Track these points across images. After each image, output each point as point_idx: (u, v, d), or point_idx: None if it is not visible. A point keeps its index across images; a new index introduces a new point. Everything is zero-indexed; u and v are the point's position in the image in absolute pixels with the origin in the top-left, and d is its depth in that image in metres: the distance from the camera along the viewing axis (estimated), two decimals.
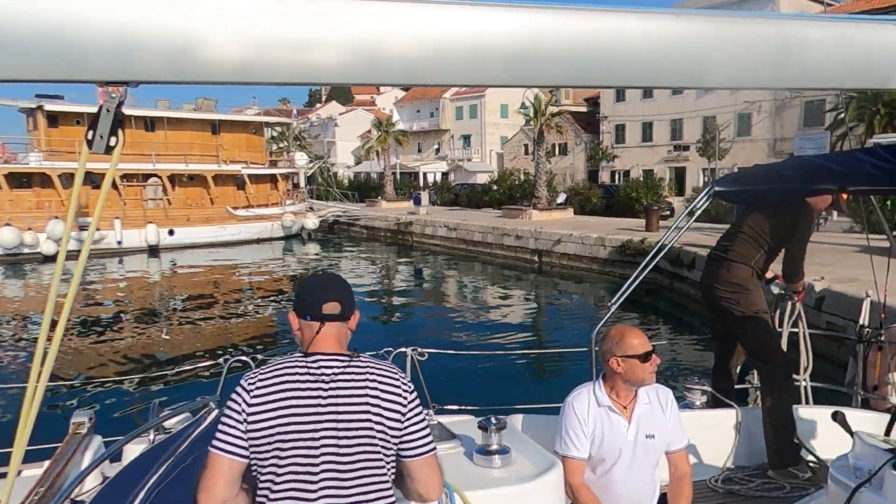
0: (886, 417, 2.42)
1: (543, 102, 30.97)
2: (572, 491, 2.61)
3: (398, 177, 51.38)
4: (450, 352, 4.45)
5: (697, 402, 3.82)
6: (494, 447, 2.56)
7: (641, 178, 35.80)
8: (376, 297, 19.68)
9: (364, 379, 1.78)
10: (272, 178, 37.57)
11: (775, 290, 3.85)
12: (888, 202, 16.97)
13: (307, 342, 1.82)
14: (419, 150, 62.87)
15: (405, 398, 1.82)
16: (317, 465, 1.71)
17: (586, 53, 2.31)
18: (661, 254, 3.88)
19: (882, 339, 4.06)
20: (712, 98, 37.98)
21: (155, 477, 2.02)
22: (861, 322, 4.29)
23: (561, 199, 33.67)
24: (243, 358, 3.39)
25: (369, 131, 50.99)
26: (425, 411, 2.90)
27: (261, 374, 1.77)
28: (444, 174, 57.36)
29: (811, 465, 3.51)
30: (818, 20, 2.45)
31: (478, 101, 57.68)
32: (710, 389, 3.86)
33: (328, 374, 1.76)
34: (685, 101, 40.18)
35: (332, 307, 1.81)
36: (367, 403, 1.75)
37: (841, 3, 35.32)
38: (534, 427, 3.04)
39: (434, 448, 1.89)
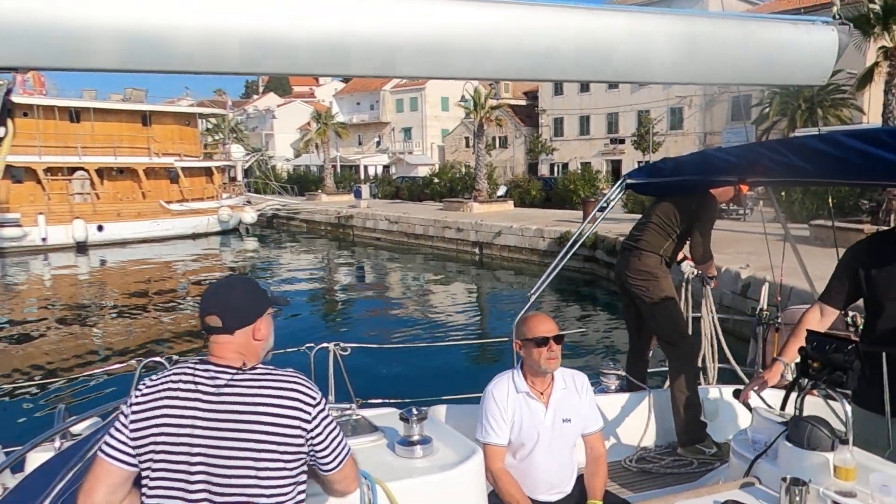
0: (782, 393, 2.56)
1: (483, 96, 31.16)
2: (493, 477, 2.65)
3: (338, 170, 50.76)
4: (373, 346, 4.43)
5: (612, 386, 3.95)
6: (416, 438, 2.56)
7: (579, 171, 36.53)
8: (315, 292, 19.43)
9: (255, 392, 1.69)
10: (207, 171, 36.49)
11: (685, 270, 4.00)
12: (806, 194, 17.88)
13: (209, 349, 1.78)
14: (360, 143, 62.31)
15: (307, 411, 1.72)
16: (192, 481, 1.65)
17: (513, 47, 2.34)
18: (577, 245, 3.99)
19: (779, 320, 4.29)
20: (646, 93, 39.08)
21: (60, 485, 1.93)
22: (760, 305, 4.54)
23: (501, 191, 34.02)
24: (157, 359, 3.27)
25: (308, 123, 50.13)
26: (348, 406, 2.91)
27: (149, 380, 1.72)
28: (385, 167, 57.05)
29: (716, 441, 3.67)
30: (733, 18, 2.55)
31: (418, 94, 57.56)
32: (624, 373, 4.00)
33: (213, 386, 1.69)
34: (620, 95, 41.18)
35: (211, 320, 1.74)
36: (254, 418, 1.66)
37: (765, 3, 36.83)
38: (457, 417, 3.07)
39: (347, 455, 1.86)
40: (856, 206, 17.03)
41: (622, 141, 41.10)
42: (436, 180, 38.77)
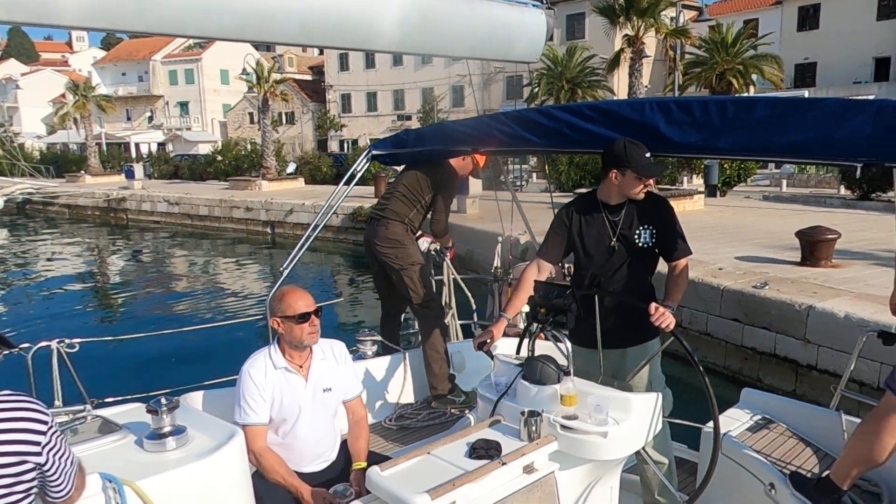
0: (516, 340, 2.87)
1: (266, 69, 29.86)
2: (256, 457, 2.61)
3: (104, 148, 45.54)
4: (108, 338, 4.08)
5: (370, 352, 4.09)
6: (167, 429, 2.42)
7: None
8: (70, 284, 17.16)
9: None
10: None
11: (423, 245, 4.26)
12: (572, 163, 19.84)
13: None
14: (128, 118, 56.36)
15: (37, 441, 1.54)
16: None
17: (241, 5, 2.26)
18: (328, 217, 4.04)
19: (510, 276, 4.78)
20: (429, 70, 40.39)
21: None
22: (495, 264, 5.05)
23: (291, 168, 33.07)
24: None
25: (63, 95, 44.05)
26: (82, 408, 2.66)
27: None
28: (161, 144, 52.23)
29: (465, 390, 3.98)
30: None
31: (194, 66, 53.44)
32: (379, 338, 4.17)
33: None
34: (405, 72, 42.09)
35: None
36: None
37: None
38: (215, 402, 2.96)
39: (75, 471, 1.72)
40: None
41: (409, 117, 42.12)
42: (219, 158, 36.53)
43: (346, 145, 44.95)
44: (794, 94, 26.65)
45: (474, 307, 4.68)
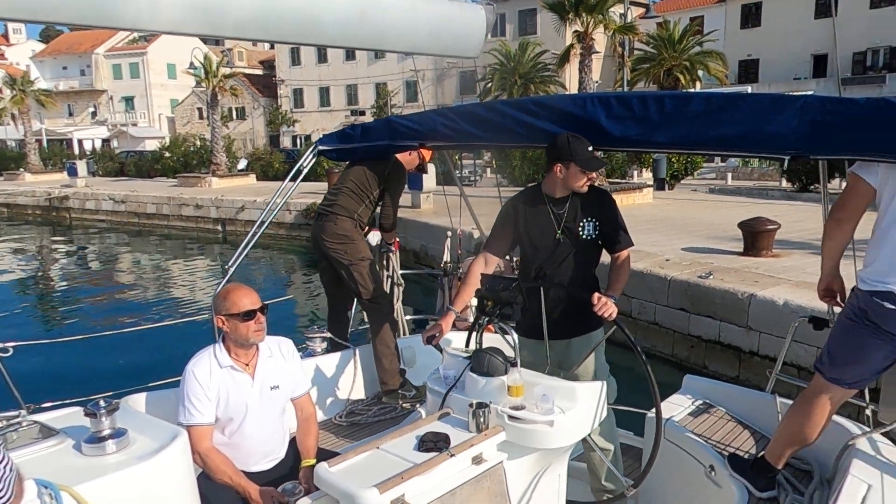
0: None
1: (215, 63, 29.18)
2: (201, 457, 2.57)
3: (45, 144, 43.83)
4: (45, 341, 3.96)
5: (319, 349, 4.06)
6: (107, 432, 2.36)
7: None
8: (6, 286, 16.43)
9: None
10: None
11: (373, 240, 4.26)
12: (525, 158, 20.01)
13: None
14: (70, 114, 54.38)
15: None
16: None
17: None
18: (274, 213, 4.00)
19: (460, 271, 4.82)
20: (382, 65, 40.16)
21: None
22: (445, 259, 5.09)
23: (242, 165, 32.47)
24: None
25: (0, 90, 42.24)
26: (16, 413, 2.57)
27: None
28: (105, 141, 50.56)
29: (415, 385, 3.98)
30: None
31: (139, 59, 51.86)
32: (328, 335, 4.14)
33: None
34: (358, 67, 41.75)
35: None
36: None
37: None
38: (159, 403, 2.90)
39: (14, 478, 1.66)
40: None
41: (363, 112, 41.82)
42: (167, 154, 35.57)
43: (298, 141, 44.37)
44: (738, 89, 27.46)
45: (421, 302, 4.71)
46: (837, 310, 2.76)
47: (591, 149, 2.85)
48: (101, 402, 2.37)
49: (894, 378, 2.70)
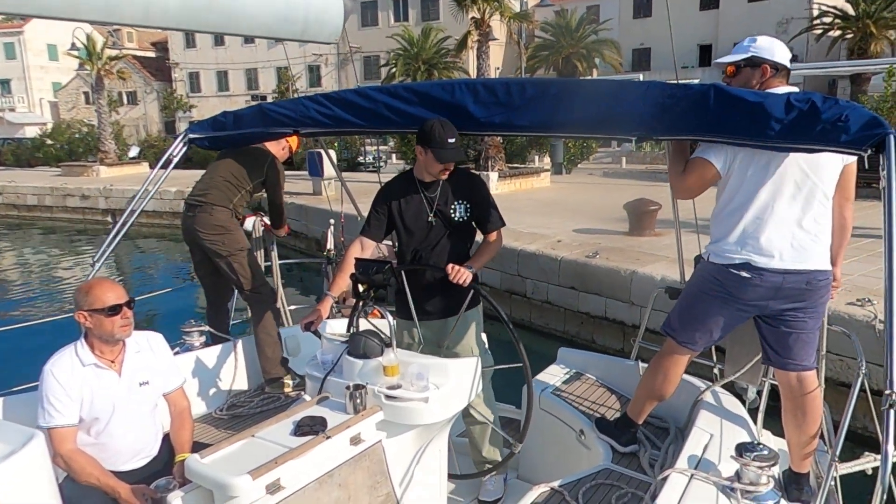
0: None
1: (100, 44, 27.37)
2: (65, 460, 2.47)
3: None
4: None
5: (197, 343, 3.97)
6: None
7: None
8: None
9: None
10: None
11: (248, 225, 4.21)
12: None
13: None
14: None
15: None
16: None
17: None
18: (143, 204, 3.88)
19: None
20: (281, 49, 39.01)
21: None
22: (328, 246, 5.14)
23: (133, 152, 30.67)
24: None
25: None
26: None
27: None
28: None
29: (298, 373, 3.96)
30: None
31: (15, 39, 47.75)
32: (207, 328, 4.06)
33: None
34: (258, 51, 40.40)
35: None
36: None
37: None
38: (16, 408, 2.76)
39: None
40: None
41: (264, 97, 40.53)
42: (49, 142, 33.17)
43: None
44: (631, 76, 28.73)
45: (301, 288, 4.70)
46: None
47: (453, 140, 2.89)
48: None
49: (738, 339, 2.99)
